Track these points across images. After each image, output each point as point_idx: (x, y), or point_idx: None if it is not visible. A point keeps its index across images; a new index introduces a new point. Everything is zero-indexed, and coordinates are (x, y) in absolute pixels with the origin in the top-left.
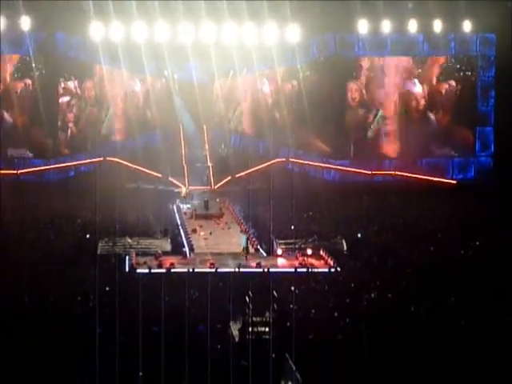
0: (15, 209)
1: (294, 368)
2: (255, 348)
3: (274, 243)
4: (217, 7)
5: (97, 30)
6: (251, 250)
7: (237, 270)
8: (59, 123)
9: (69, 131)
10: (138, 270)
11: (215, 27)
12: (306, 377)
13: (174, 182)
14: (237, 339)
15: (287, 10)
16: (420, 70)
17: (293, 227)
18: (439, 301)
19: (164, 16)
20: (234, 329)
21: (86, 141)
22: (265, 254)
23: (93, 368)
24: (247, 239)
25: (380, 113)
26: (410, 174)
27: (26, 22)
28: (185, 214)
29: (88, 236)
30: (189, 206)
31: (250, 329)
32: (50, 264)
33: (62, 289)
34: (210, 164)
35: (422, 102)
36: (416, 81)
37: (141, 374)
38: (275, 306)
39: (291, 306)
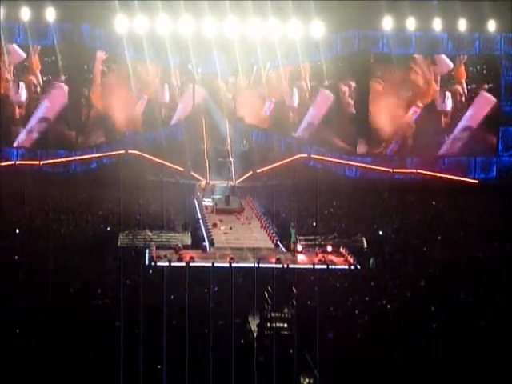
0: (37, 200)
1: (313, 364)
2: (274, 344)
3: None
4: (241, 2)
5: (122, 23)
6: (281, 246)
7: (256, 265)
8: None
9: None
10: (158, 263)
11: (239, 22)
12: (324, 374)
13: (196, 176)
14: (255, 334)
15: (311, 6)
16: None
17: (313, 223)
18: (459, 301)
19: (188, 10)
20: (253, 324)
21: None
22: (284, 250)
23: (112, 361)
24: (295, 233)
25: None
26: (431, 173)
27: (51, 13)
28: (206, 208)
29: (109, 228)
30: (210, 200)
31: (269, 324)
32: (71, 255)
33: (83, 280)
34: (231, 159)
35: (449, 101)
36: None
37: (159, 366)
38: (294, 301)
39: (310, 302)
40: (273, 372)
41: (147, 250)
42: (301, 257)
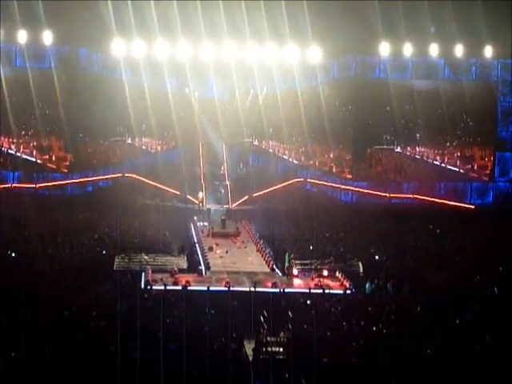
0: (33, 222)
1: None
2: (269, 368)
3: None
4: (239, 27)
5: (119, 47)
6: (277, 270)
7: (252, 289)
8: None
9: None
10: (154, 287)
11: (236, 46)
12: None
13: (192, 199)
14: (251, 359)
15: (308, 32)
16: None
17: (310, 248)
18: (454, 325)
19: (185, 34)
20: (249, 348)
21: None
22: (280, 274)
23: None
24: (290, 258)
25: None
26: (427, 198)
27: (48, 37)
28: (202, 231)
29: (105, 251)
30: (206, 223)
31: (265, 349)
32: (67, 278)
33: (78, 303)
34: (227, 182)
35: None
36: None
37: None
38: (290, 326)
39: (306, 326)
40: None
41: (143, 274)
42: (297, 281)
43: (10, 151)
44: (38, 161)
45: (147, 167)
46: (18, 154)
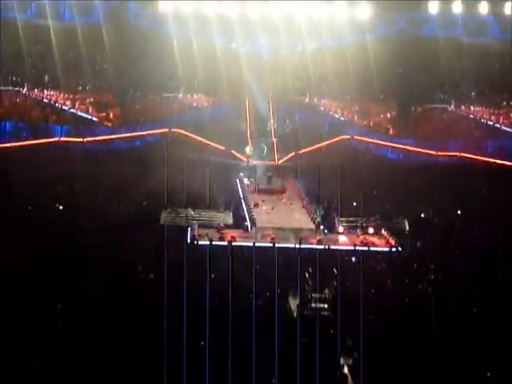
0: (81, 177)
1: (352, 345)
2: (314, 324)
3: (336, 221)
4: None
5: (167, 1)
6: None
7: (297, 245)
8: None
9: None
10: (200, 242)
11: (284, 1)
12: (364, 354)
13: (238, 155)
14: (295, 314)
15: None
16: None
17: (355, 205)
18: (501, 285)
19: None
20: (293, 304)
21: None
22: (326, 231)
23: (155, 337)
24: (320, 211)
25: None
26: (474, 156)
27: None
28: (248, 187)
29: (151, 206)
30: (252, 180)
31: (309, 305)
32: (114, 232)
33: (124, 257)
34: (274, 139)
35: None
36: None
37: (202, 343)
38: (335, 283)
39: (351, 283)
40: (313, 352)
41: (189, 229)
42: (342, 238)
43: (57, 105)
44: (94, 118)
45: (194, 122)
46: (66, 108)
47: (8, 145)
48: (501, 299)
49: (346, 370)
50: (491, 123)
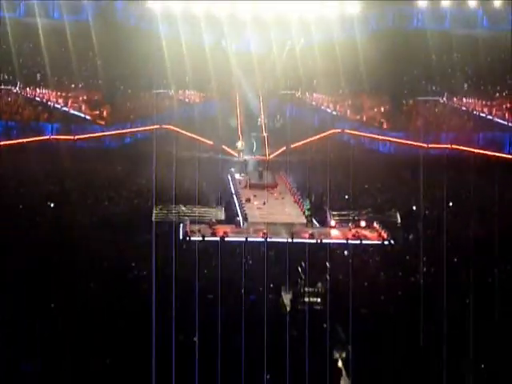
0: (72, 175)
1: (345, 339)
2: (306, 318)
3: (328, 214)
4: None
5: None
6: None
7: (289, 240)
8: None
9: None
10: (192, 238)
11: None
12: (356, 348)
13: (229, 150)
14: (288, 309)
15: None
16: None
17: (347, 198)
18: (493, 277)
19: None
20: (286, 299)
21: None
22: (318, 225)
23: (147, 334)
24: (310, 205)
25: None
26: (466, 148)
27: None
28: (239, 183)
29: (142, 203)
30: (243, 175)
31: (302, 299)
32: (106, 230)
33: (117, 254)
34: (265, 134)
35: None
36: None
37: (195, 339)
38: (327, 276)
39: (343, 277)
40: (306, 346)
41: (181, 225)
42: (334, 232)
43: (49, 103)
44: (87, 117)
45: (184, 119)
46: (58, 106)
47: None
48: (495, 291)
49: (340, 363)
50: (483, 115)
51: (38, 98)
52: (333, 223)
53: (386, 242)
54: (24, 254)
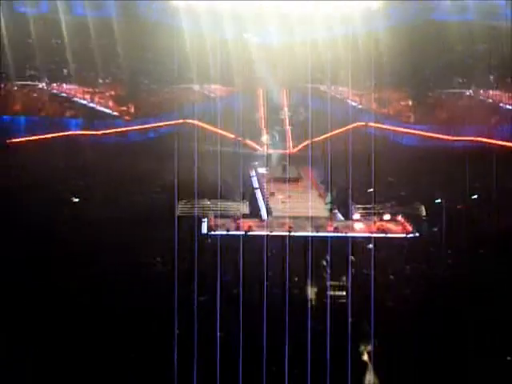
0: (96, 169)
1: (372, 332)
2: (332, 312)
3: (352, 208)
4: None
5: None
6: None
7: (314, 233)
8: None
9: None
10: (216, 232)
11: None
12: (383, 341)
13: (253, 144)
14: (313, 303)
15: None
16: None
17: (371, 191)
18: None
19: None
20: (311, 292)
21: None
22: (342, 219)
23: (171, 328)
24: (331, 198)
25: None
26: (491, 141)
27: None
28: (263, 177)
29: (167, 197)
30: (267, 169)
31: (327, 293)
32: (130, 225)
33: (142, 248)
34: (288, 127)
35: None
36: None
37: (219, 333)
38: (352, 270)
39: (368, 270)
40: (332, 340)
41: (205, 219)
42: (358, 225)
43: (76, 99)
44: (115, 113)
45: (208, 113)
46: (84, 102)
47: (24, 139)
48: None
49: (365, 357)
50: (510, 107)
51: (64, 94)
52: (357, 216)
53: (410, 235)
54: (49, 248)
